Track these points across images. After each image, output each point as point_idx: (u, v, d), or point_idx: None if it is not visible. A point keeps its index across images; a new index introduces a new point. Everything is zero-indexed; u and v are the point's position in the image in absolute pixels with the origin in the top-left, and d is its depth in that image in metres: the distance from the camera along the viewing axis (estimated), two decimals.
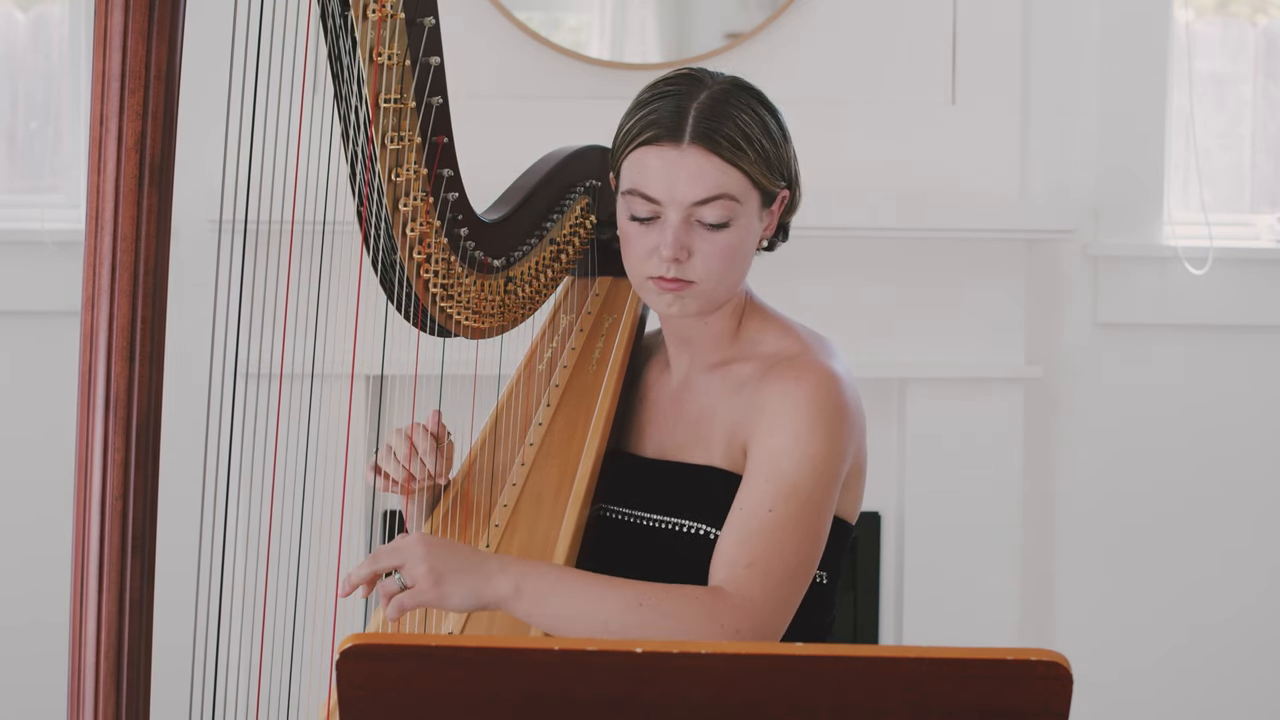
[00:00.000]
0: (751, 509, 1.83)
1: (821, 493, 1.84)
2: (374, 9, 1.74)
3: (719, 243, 1.87)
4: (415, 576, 1.73)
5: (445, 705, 1.25)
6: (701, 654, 1.24)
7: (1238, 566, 3.67)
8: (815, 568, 1.86)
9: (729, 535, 1.84)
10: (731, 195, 1.86)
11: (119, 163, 1.45)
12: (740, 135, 1.85)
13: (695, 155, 1.85)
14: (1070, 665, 1.23)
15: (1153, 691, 3.67)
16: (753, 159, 1.86)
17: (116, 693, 1.47)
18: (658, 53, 3.51)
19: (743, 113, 1.86)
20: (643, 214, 1.88)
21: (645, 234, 1.88)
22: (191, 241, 3.16)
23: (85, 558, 1.47)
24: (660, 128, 1.86)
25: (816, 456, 1.84)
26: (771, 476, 1.83)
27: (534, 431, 2.05)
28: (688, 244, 1.87)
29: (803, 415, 1.84)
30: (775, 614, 1.81)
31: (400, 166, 1.82)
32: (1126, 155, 3.58)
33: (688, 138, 1.85)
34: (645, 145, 1.87)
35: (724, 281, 1.90)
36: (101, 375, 1.46)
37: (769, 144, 1.88)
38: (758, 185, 1.88)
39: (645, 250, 1.88)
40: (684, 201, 1.85)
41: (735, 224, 1.87)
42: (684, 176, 1.85)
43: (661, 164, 1.85)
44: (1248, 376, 3.65)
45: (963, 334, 3.49)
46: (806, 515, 1.83)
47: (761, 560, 1.81)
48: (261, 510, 1.90)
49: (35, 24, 3.54)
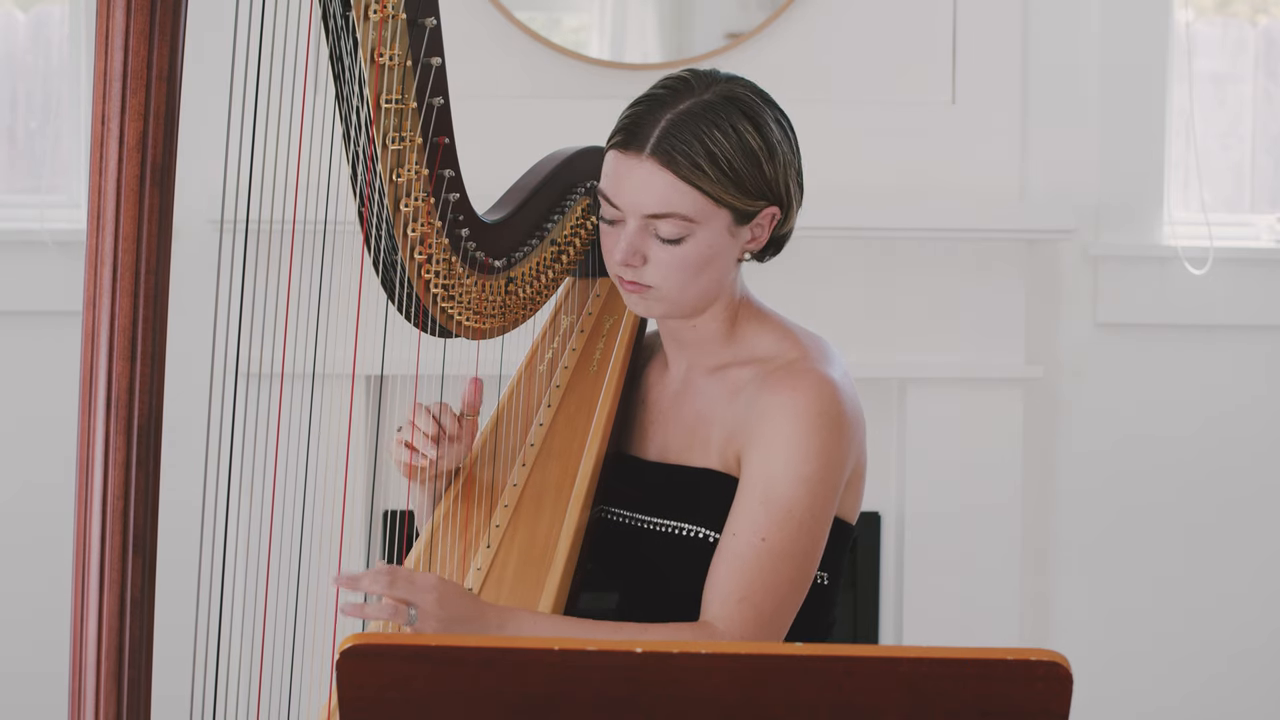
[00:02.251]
0: (745, 537, 1.83)
1: (815, 514, 1.84)
2: (375, 9, 1.74)
3: (675, 254, 1.85)
4: (423, 617, 1.73)
5: (445, 705, 1.25)
6: (701, 654, 1.24)
7: (1237, 566, 3.67)
8: (809, 586, 1.86)
9: (722, 563, 1.84)
10: (683, 214, 1.83)
11: (120, 163, 1.45)
12: (704, 155, 1.82)
13: (651, 169, 1.83)
14: (1070, 665, 1.23)
15: (1153, 691, 3.67)
16: (715, 179, 1.82)
17: (117, 692, 1.47)
18: (658, 53, 3.51)
19: (715, 130, 1.82)
20: (607, 215, 1.88)
21: (610, 234, 1.89)
22: (193, 242, 3.16)
23: (86, 558, 1.47)
24: (629, 133, 1.85)
25: (813, 478, 1.83)
26: (765, 499, 1.83)
27: (535, 432, 2.05)
28: (641, 250, 1.86)
29: (799, 431, 1.83)
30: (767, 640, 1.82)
31: (401, 167, 1.82)
32: (1126, 155, 3.58)
33: (648, 149, 1.83)
34: (615, 148, 1.87)
35: (686, 290, 1.88)
36: (103, 375, 1.46)
37: (743, 163, 1.83)
38: (722, 204, 1.84)
39: (608, 249, 1.90)
40: (638, 211, 1.85)
41: (692, 240, 1.85)
42: (638, 187, 1.84)
43: (623, 170, 1.85)
44: (1248, 376, 3.65)
45: (963, 334, 3.49)
46: (801, 539, 1.83)
47: (755, 595, 1.81)
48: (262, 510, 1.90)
49: (35, 24, 3.54)
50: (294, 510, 1.97)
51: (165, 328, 1.49)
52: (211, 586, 1.85)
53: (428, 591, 1.73)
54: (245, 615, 1.92)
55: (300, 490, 1.93)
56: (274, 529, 1.88)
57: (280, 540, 1.91)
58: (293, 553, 1.94)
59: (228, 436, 1.71)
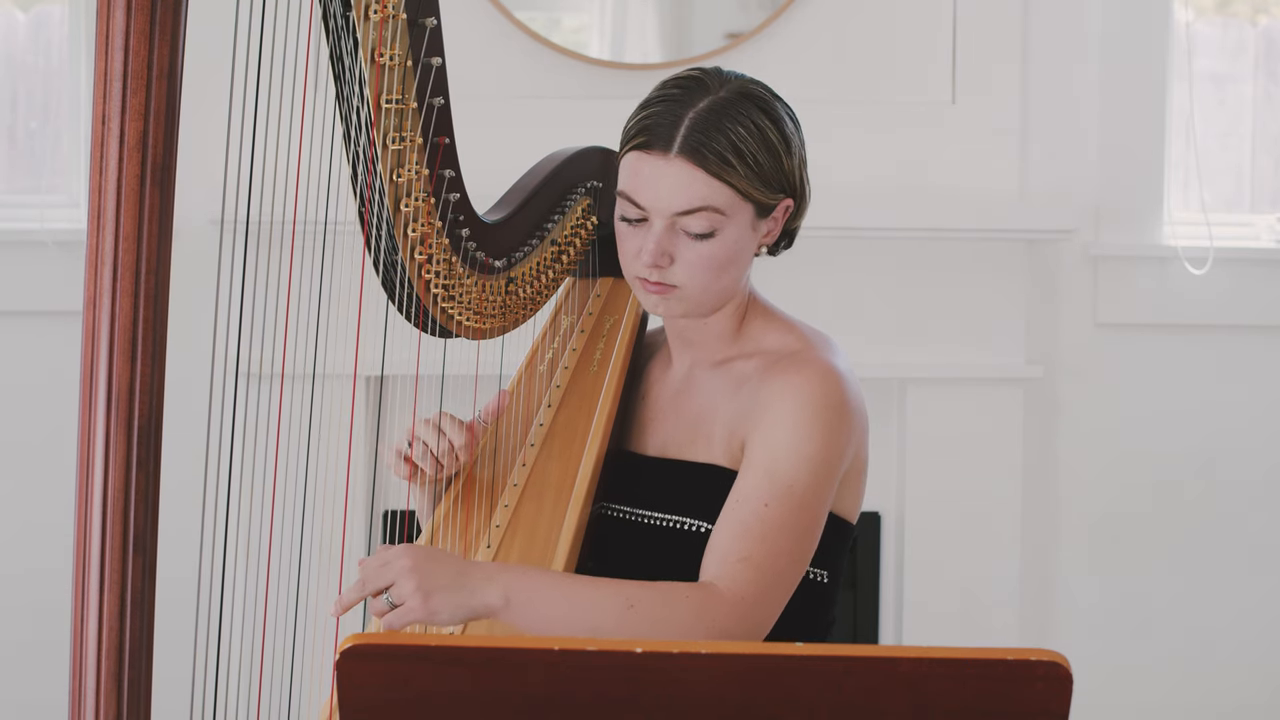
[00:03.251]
0: (747, 503, 1.83)
1: (816, 493, 1.85)
2: (376, 10, 1.74)
3: (703, 252, 1.87)
4: (403, 594, 1.72)
5: (445, 705, 1.25)
6: (701, 654, 1.24)
7: (1238, 566, 3.67)
8: (806, 566, 1.86)
9: (724, 527, 1.84)
10: (716, 208, 1.85)
11: (121, 163, 1.45)
12: (731, 150, 1.84)
13: (681, 166, 1.84)
14: (1070, 665, 1.23)
15: (1153, 691, 3.67)
16: (742, 174, 1.85)
17: (118, 692, 1.47)
18: (658, 53, 3.51)
19: (739, 125, 1.84)
20: (631, 216, 1.89)
21: (633, 235, 1.89)
22: (193, 241, 3.15)
23: (87, 557, 1.47)
24: (651, 134, 1.86)
25: (815, 457, 1.84)
26: (769, 472, 1.84)
27: (535, 432, 2.05)
28: (670, 250, 1.87)
29: (803, 412, 1.85)
30: (764, 611, 1.81)
31: (402, 167, 1.82)
32: (1126, 155, 3.58)
33: (676, 148, 1.84)
34: (637, 150, 1.87)
35: (710, 289, 1.89)
36: (103, 375, 1.46)
37: (765, 157, 1.86)
38: (749, 198, 1.86)
39: (632, 251, 1.89)
40: (667, 210, 1.85)
41: (720, 234, 1.86)
42: (668, 186, 1.85)
43: (649, 171, 1.86)
44: (1247, 376, 3.65)
45: (963, 334, 3.49)
46: (801, 515, 1.84)
47: (755, 556, 1.81)
48: (262, 510, 1.90)
49: (35, 24, 3.54)
50: (294, 510, 1.97)
51: (165, 327, 1.49)
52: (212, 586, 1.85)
53: (398, 563, 1.73)
54: (245, 615, 1.92)
55: (300, 490, 1.93)
56: (274, 529, 1.89)
57: (280, 540, 1.92)
58: (293, 553, 1.95)
59: (228, 436, 1.71)
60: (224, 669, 1.77)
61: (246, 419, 1.80)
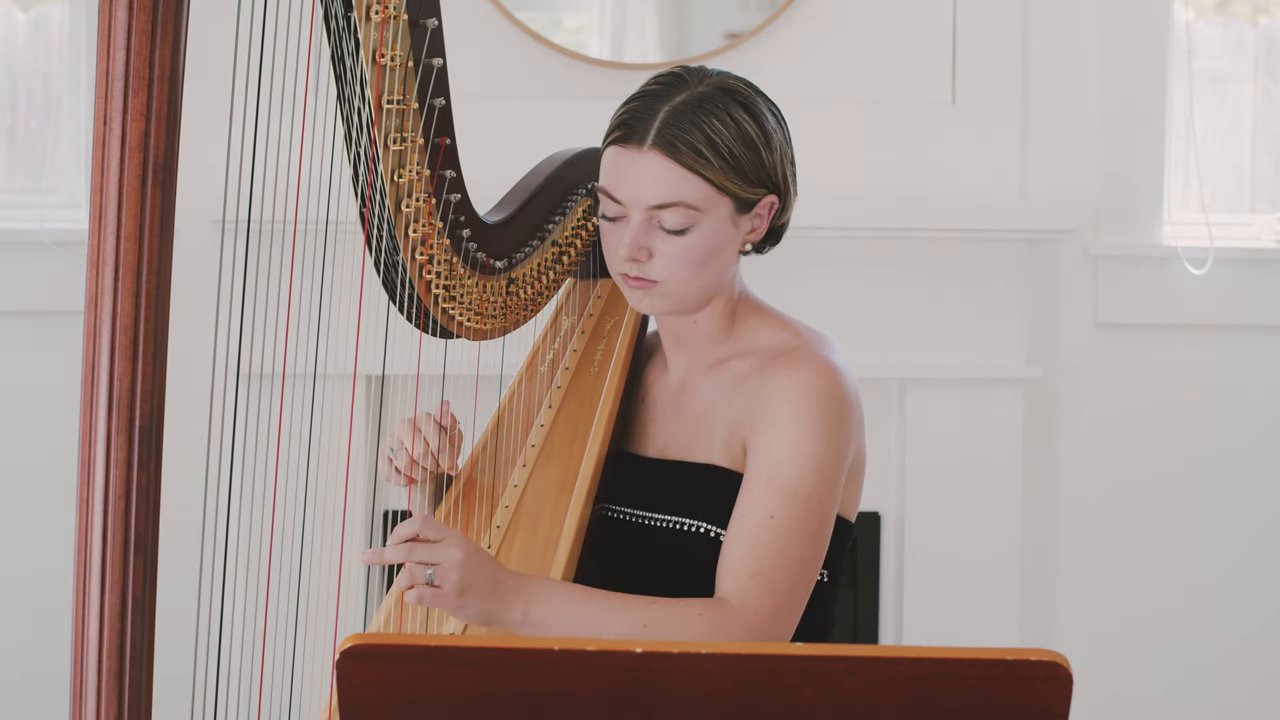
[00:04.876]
0: (754, 515, 1.83)
1: (823, 492, 1.85)
2: (377, 10, 1.74)
3: (680, 246, 1.87)
4: (445, 582, 1.73)
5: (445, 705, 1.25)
6: (701, 654, 1.24)
7: (1238, 566, 3.67)
8: (819, 567, 1.87)
9: (733, 541, 1.84)
10: (689, 203, 1.85)
11: (122, 163, 1.45)
12: (705, 143, 1.84)
13: (654, 159, 1.84)
14: (1070, 665, 1.23)
15: (1153, 691, 3.67)
16: (717, 166, 1.84)
17: (119, 692, 1.47)
18: (658, 53, 3.51)
19: (714, 119, 1.84)
20: (609, 212, 1.89)
21: (613, 231, 1.90)
22: (194, 242, 3.15)
23: (88, 557, 1.47)
24: (626, 128, 1.87)
25: (818, 457, 1.84)
26: (773, 479, 1.84)
27: (535, 433, 2.05)
28: (647, 245, 1.87)
29: (803, 412, 1.85)
30: (781, 622, 1.82)
31: (403, 168, 1.82)
32: (1126, 155, 3.58)
33: (650, 141, 1.84)
34: (613, 144, 1.88)
35: (691, 283, 1.89)
36: (104, 375, 1.46)
37: (743, 151, 1.86)
38: (725, 191, 1.86)
39: (613, 247, 1.90)
40: (642, 204, 1.86)
41: (696, 230, 1.86)
42: (641, 179, 1.85)
43: (624, 165, 1.86)
44: (1247, 376, 3.65)
45: (963, 334, 3.49)
46: (809, 518, 1.84)
47: (767, 570, 1.81)
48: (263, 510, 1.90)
49: (35, 24, 3.54)
50: (295, 510, 1.97)
51: (166, 328, 1.49)
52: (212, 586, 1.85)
53: (452, 552, 1.73)
54: (246, 615, 1.92)
55: (301, 490, 1.93)
56: (275, 529, 1.89)
57: (281, 540, 1.92)
58: (293, 553, 1.95)
59: (228, 437, 1.71)
60: (224, 669, 1.77)
61: (247, 419, 1.80)
